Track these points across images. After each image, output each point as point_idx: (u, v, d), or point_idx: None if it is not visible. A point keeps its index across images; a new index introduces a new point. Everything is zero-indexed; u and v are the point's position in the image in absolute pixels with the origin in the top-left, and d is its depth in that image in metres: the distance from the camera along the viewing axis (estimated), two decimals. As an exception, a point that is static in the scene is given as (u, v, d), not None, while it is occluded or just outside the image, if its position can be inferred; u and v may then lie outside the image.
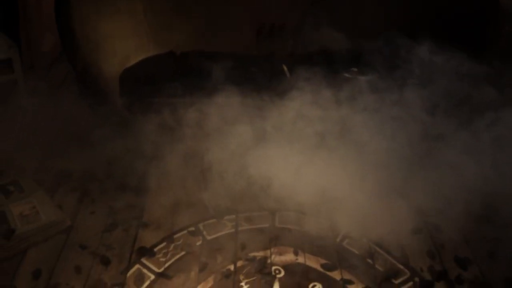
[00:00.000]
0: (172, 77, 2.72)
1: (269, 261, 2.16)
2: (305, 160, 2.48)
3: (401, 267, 2.16)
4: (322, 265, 2.15)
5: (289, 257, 2.19)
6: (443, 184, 2.38)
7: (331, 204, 2.37)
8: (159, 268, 2.12)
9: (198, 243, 2.25)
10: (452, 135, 2.56)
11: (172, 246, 2.23)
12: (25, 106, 2.82)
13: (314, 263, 2.16)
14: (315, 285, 2.06)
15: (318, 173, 2.44)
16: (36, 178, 2.52)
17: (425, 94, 2.61)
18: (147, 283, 2.05)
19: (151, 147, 2.57)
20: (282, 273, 2.11)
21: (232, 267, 2.13)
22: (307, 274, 2.11)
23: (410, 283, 2.08)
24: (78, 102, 2.89)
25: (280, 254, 2.20)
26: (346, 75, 2.73)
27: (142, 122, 2.60)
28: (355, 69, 2.76)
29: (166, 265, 2.13)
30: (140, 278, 2.07)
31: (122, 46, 2.71)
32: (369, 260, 2.18)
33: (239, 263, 2.15)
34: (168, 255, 2.18)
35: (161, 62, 2.78)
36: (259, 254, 2.20)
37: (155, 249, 2.21)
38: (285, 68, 2.76)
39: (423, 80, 2.65)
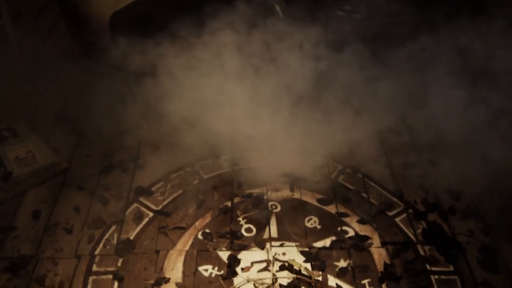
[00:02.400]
0: (163, 19, 2.66)
1: (265, 197, 2.20)
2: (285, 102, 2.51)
3: (395, 200, 2.20)
4: (318, 200, 2.19)
5: (285, 193, 2.23)
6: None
7: (321, 141, 2.38)
8: (157, 206, 2.15)
9: (195, 182, 2.27)
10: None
11: (169, 185, 2.25)
12: (15, 52, 2.77)
13: (310, 198, 2.20)
14: (311, 219, 2.10)
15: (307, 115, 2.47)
16: (31, 123, 2.51)
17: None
18: (145, 220, 2.09)
19: (144, 90, 2.54)
20: (279, 208, 2.15)
21: (229, 204, 2.16)
22: (303, 208, 2.15)
23: (404, 215, 2.13)
24: (70, 47, 2.85)
25: (276, 190, 2.23)
26: (340, 13, 2.69)
27: (133, 66, 2.57)
28: (348, 7, 2.72)
29: (164, 203, 2.16)
30: (139, 216, 2.10)
31: (111, -13, 2.64)
32: (364, 194, 2.22)
33: (236, 200, 2.18)
34: (166, 194, 2.21)
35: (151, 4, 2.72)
36: (256, 191, 2.23)
37: (153, 189, 2.24)
38: (277, 7, 2.71)
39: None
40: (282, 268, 1.89)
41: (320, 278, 1.85)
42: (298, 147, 2.40)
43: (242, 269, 1.89)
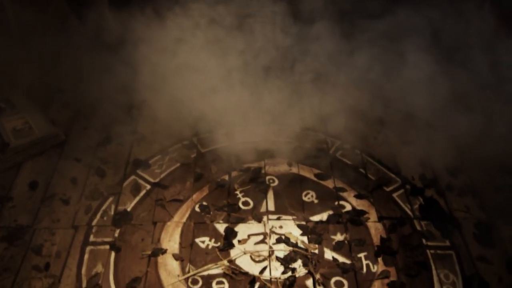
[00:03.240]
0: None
1: (263, 171, 2.19)
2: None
3: (393, 175, 2.20)
4: (316, 175, 2.18)
5: (283, 167, 2.22)
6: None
7: (321, 117, 2.38)
8: (154, 179, 2.14)
9: (192, 156, 2.27)
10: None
11: (167, 158, 2.25)
12: (12, 24, 2.74)
13: (307, 173, 2.20)
14: (308, 193, 2.10)
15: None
16: (29, 94, 2.48)
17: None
18: (143, 192, 2.08)
19: (141, 62, 2.50)
20: (276, 182, 2.14)
21: (226, 177, 2.16)
22: (301, 183, 2.15)
23: (401, 190, 2.13)
24: (68, 17, 2.82)
25: (274, 165, 2.23)
26: None
27: (130, 35, 2.54)
28: None
29: (162, 176, 2.16)
30: (136, 188, 2.10)
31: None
32: (362, 170, 2.22)
33: (234, 173, 2.18)
34: (163, 167, 2.20)
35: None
36: (253, 165, 2.22)
37: (150, 161, 2.23)
38: None
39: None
40: (278, 241, 1.90)
41: (316, 251, 1.86)
42: (295, 122, 2.39)
43: (239, 241, 1.89)
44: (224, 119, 2.37)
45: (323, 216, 2.00)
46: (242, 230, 1.94)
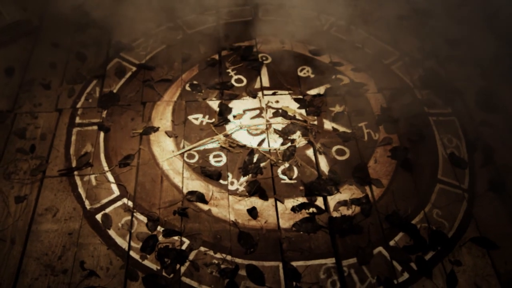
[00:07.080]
0: None
1: (255, 49, 2.07)
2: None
3: (391, 49, 2.10)
4: (310, 51, 2.07)
5: (275, 45, 2.10)
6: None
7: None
8: (140, 61, 2.01)
9: (179, 37, 2.12)
10: None
11: (151, 40, 2.10)
12: None
13: (301, 49, 2.08)
14: (304, 68, 2.00)
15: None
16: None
17: None
18: (129, 74, 1.95)
19: None
20: (269, 60, 2.03)
21: (216, 57, 2.03)
22: (295, 59, 2.03)
23: (400, 63, 2.04)
24: None
25: (266, 43, 2.10)
26: None
27: None
28: None
29: (147, 57, 2.02)
30: (121, 70, 1.97)
31: None
32: (358, 45, 2.11)
33: (224, 53, 2.05)
34: (148, 49, 2.06)
35: None
36: (244, 43, 2.09)
37: (133, 44, 2.08)
38: None
39: None
40: (275, 114, 1.81)
41: (315, 123, 1.79)
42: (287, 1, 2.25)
43: (234, 116, 1.80)
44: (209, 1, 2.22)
45: (321, 90, 1.91)
46: (237, 106, 1.84)
